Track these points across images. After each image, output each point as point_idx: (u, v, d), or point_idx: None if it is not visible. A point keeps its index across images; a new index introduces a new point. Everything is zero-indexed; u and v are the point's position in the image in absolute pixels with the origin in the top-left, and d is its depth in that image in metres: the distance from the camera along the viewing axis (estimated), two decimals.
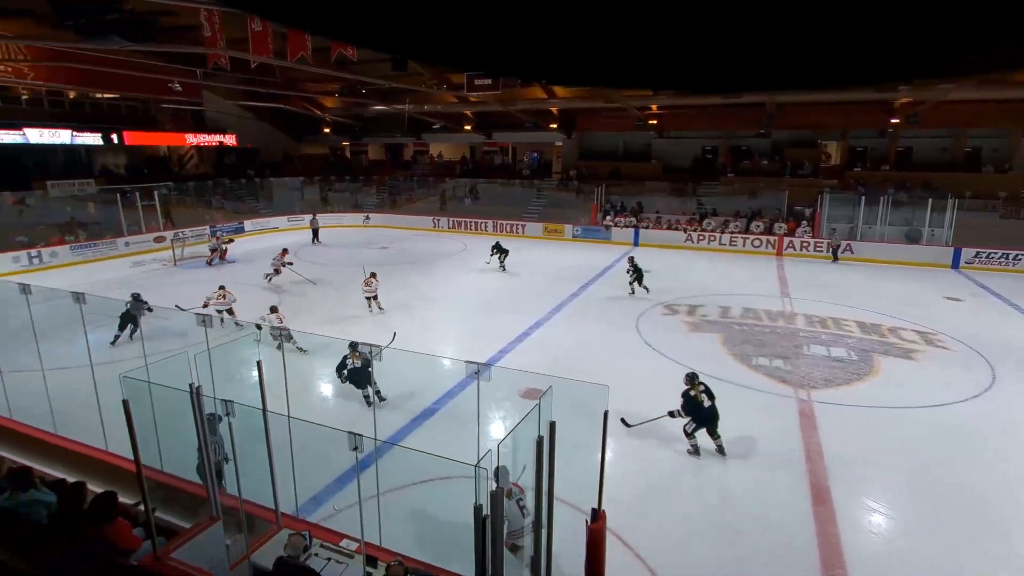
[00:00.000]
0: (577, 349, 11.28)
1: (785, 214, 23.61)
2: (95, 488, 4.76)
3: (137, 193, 22.60)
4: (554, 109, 28.76)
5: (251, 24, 15.63)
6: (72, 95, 25.55)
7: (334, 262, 20.10)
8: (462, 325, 12.94)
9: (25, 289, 6.93)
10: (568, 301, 14.91)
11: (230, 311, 12.40)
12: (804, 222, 22.77)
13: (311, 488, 6.44)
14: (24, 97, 24.19)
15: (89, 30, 10.80)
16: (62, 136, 23.54)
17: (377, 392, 8.67)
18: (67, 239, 20.42)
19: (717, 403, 7.59)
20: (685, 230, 23.73)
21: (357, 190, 32.26)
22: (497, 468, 5.78)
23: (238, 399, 4.70)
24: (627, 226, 24.77)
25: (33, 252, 18.85)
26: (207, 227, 24.07)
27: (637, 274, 15.53)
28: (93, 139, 24.84)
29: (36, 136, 22.65)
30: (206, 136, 29.99)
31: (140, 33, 11.81)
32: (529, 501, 4.85)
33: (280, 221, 27.75)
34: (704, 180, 26.97)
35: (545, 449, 3.79)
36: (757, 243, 22.55)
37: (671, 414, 7.71)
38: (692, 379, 7.70)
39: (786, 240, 22.14)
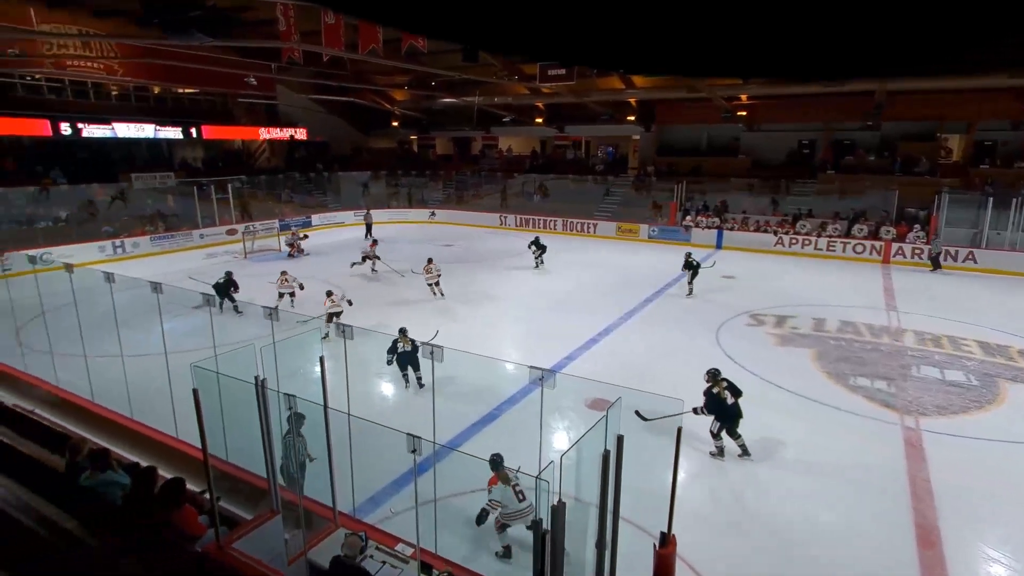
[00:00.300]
0: (649, 358, 11.08)
1: (894, 216, 22.07)
2: (165, 473, 5.16)
3: (212, 186, 24.29)
4: (632, 100, 28.31)
5: (324, 17, 16.42)
6: (156, 90, 27.80)
7: (399, 259, 20.71)
8: (527, 327, 12.99)
9: (109, 278, 7.61)
10: (641, 306, 14.65)
11: (292, 294, 14.21)
12: (917, 226, 21.18)
13: (368, 488, 6.67)
14: (114, 93, 26.56)
15: (173, 27, 11.72)
16: (146, 130, 25.68)
17: (419, 378, 9.63)
18: (147, 230, 22.26)
19: (742, 402, 7.59)
20: (775, 232, 22.69)
21: (423, 185, 33.13)
22: (493, 457, 6.12)
23: (300, 393, 4.94)
24: (709, 227, 23.99)
25: (117, 242, 20.68)
26: (276, 220, 25.48)
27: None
28: (174, 133, 26.93)
29: (124, 130, 24.84)
30: (278, 130, 31.77)
31: (220, 29, 12.69)
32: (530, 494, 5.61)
33: (347, 215, 28.97)
34: (799, 177, 25.69)
35: (611, 464, 3.74)
36: (860, 249, 21.21)
37: (695, 411, 7.65)
38: (715, 375, 7.67)
39: (895, 246, 20.69)
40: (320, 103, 33.20)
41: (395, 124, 36.45)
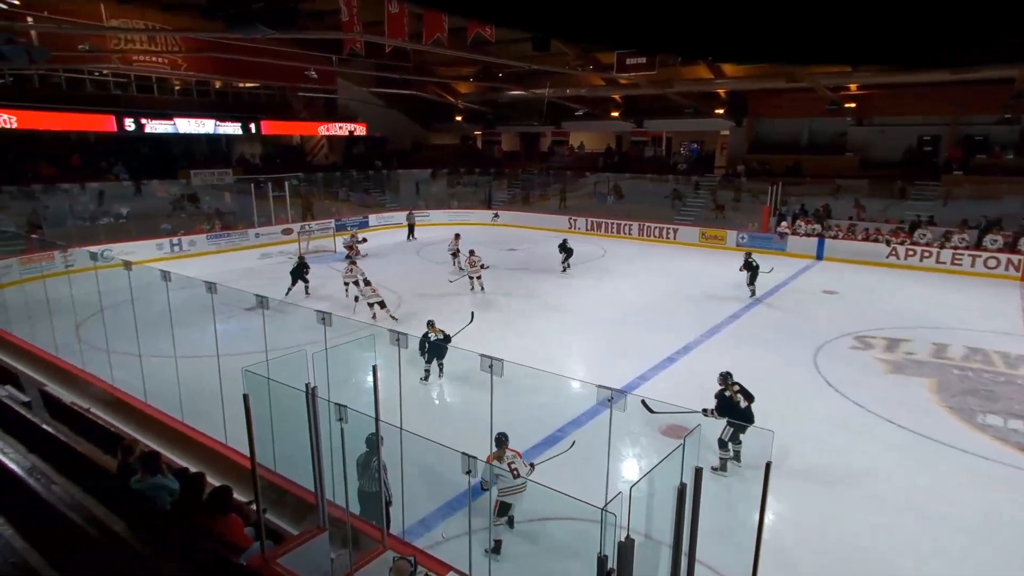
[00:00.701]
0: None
1: None
2: (212, 480, 5.44)
3: (269, 183, 25.56)
4: (721, 91, 27.67)
5: (388, 6, 17.00)
6: (218, 85, 29.63)
7: (444, 265, 21.02)
8: (595, 342, 12.92)
9: (165, 276, 8.15)
10: (727, 322, 14.27)
11: (357, 283, 15.45)
12: None
13: (420, 509, 6.78)
14: (176, 88, 28.52)
15: (236, 20, 12.46)
16: (207, 126, 27.42)
17: (440, 366, 10.80)
18: (205, 228, 23.68)
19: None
20: (889, 242, 21.48)
21: (487, 184, 33.58)
22: (498, 436, 6.66)
23: (352, 403, 5.09)
24: (808, 234, 23.02)
25: (175, 240, 22.12)
26: (332, 220, 26.49)
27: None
28: (233, 128, 28.61)
29: (185, 126, 26.64)
30: (337, 125, 33.10)
31: (283, 21, 13.39)
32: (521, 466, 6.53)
33: (404, 216, 29.69)
34: (918, 179, 24.27)
35: (688, 499, 3.63)
36: (992, 263, 19.75)
37: (705, 412, 7.85)
38: (726, 378, 8.01)
39: None
40: (380, 96, 34.36)
41: (458, 118, 37.17)
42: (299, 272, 16.42)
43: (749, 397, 7.97)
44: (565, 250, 19.89)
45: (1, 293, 15.04)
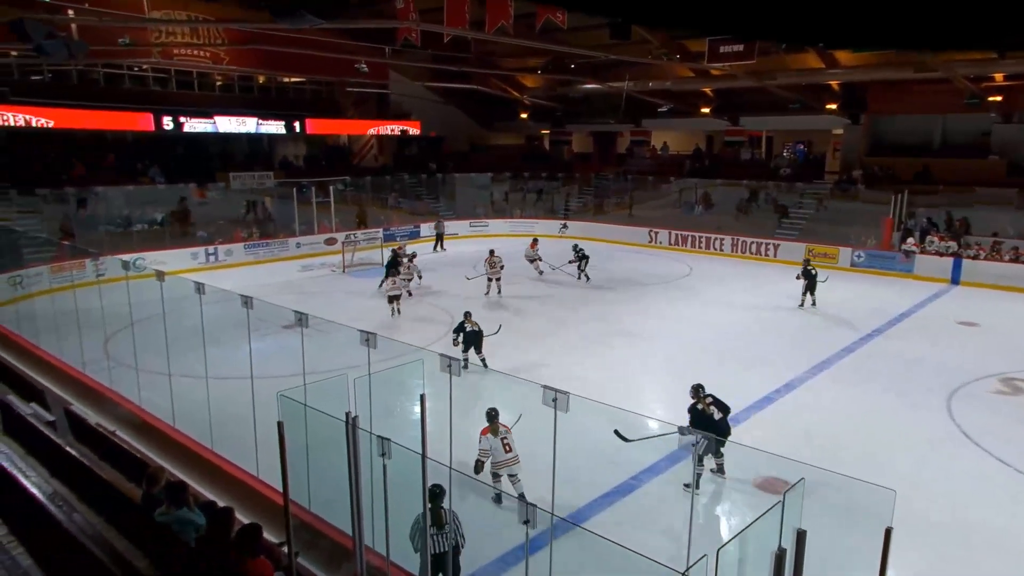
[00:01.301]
0: (847, 428, 10.47)
1: None
2: (241, 517, 5.61)
3: (312, 188, 26.50)
4: (833, 83, 26.95)
5: None
6: (261, 80, 31.10)
7: (514, 278, 21.12)
8: (679, 376, 12.61)
9: (199, 288, 8.54)
10: (838, 357, 13.82)
11: (408, 291, 17.71)
12: None
13: (470, 561, 6.77)
14: (218, 83, 30.09)
15: (282, 9, 13.09)
16: (248, 124, 28.77)
17: (483, 359, 12.55)
18: (243, 235, 24.74)
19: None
20: None
21: (555, 190, 33.72)
22: (490, 411, 7.98)
23: (397, 436, 5.16)
24: (941, 253, 21.98)
25: (210, 249, 23.22)
26: (380, 230, 27.17)
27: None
28: (276, 127, 29.90)
29: (225, 124, 28.04)
30: (389, 124, 34.07)
31: (331, 9, 14.00)
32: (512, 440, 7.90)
33: (460, 226, 30.18)
34: None
35: (788, 566, 3.49)
36: None
37: (682, 431, 7.98)
38: (697, 390, 8.74)
39: None
40: (437, 92, 35.17)
41: (523, 116, 37.60)
42: (394, 264, 18.44)
43: (724, 409, 8.64)
44: (580, 257, 20.62)
45: (31, 303, 16.11)
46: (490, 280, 18.74)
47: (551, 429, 5.63)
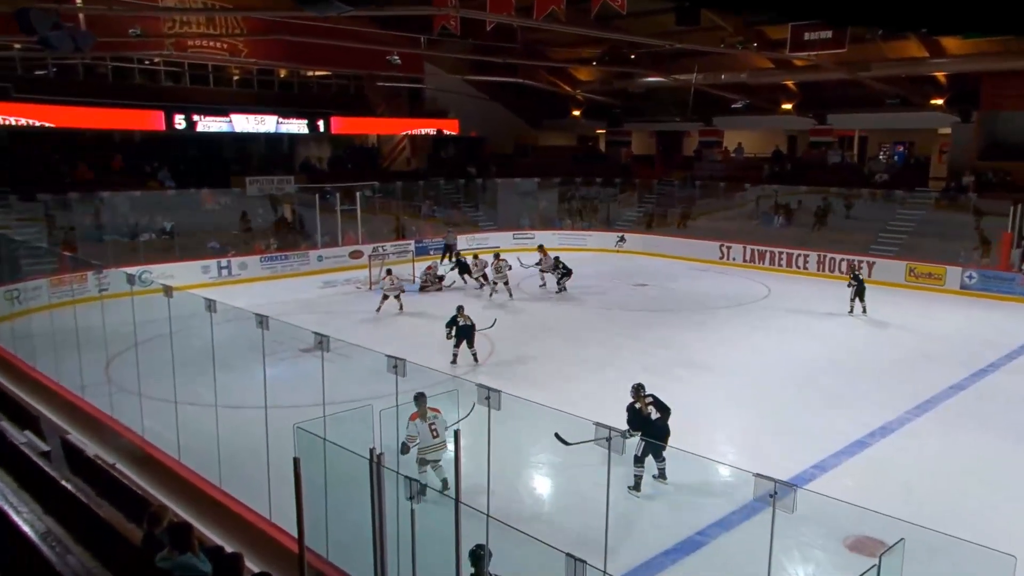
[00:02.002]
0: (955, 480, 10.19)
1: None
2: (251, 565, 5.68)
3: (336, 194, 26.94)
4: (939, 74, 26.46)
5: None
6: (283, 74, 31.93)
7: (564, 298, 21.07)
8: (752, 415, 12.57)
9: (210, 306, 8.72)
10: (945, 396, 13.48)
11: (398, 296, 19.27)
12: None
13: None
14: (235, 78, 31.00)
15: None
16: (267, 123, 29.51)
17: (474, 354, 14.70)
18: (260, 246, 25.26)
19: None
20: None
21: (611, 198, 33.64)
22: (417, 395, 8.34)
23: (428, 476, 5.17)
24: None
25: (223, 262, 23.76)
26: (412, 241, 27.42)
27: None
28: (298, 126, 30.61)
29: (242, 123, 28.82)
30: (423, 122, 34.54)
31: None
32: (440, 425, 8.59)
33: (503, 238, 30.28)
34: None
35: None
36: None
37: (624, 435, 8.12)
38: (637, 389, 9.68)
39: None
40: (477, 87, 35.56)
41: (575, 113, 37.76)
42: (463, 266, 21.86)
43: (664, 410, 9.48)
44: (559, 267, 21.71)
45: (28, 320, 16.69)
46: (494, 283, 21.14)
47: (604, 471, 5.59)
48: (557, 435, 8.27)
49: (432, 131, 35.03)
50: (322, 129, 31.24)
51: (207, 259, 23.73)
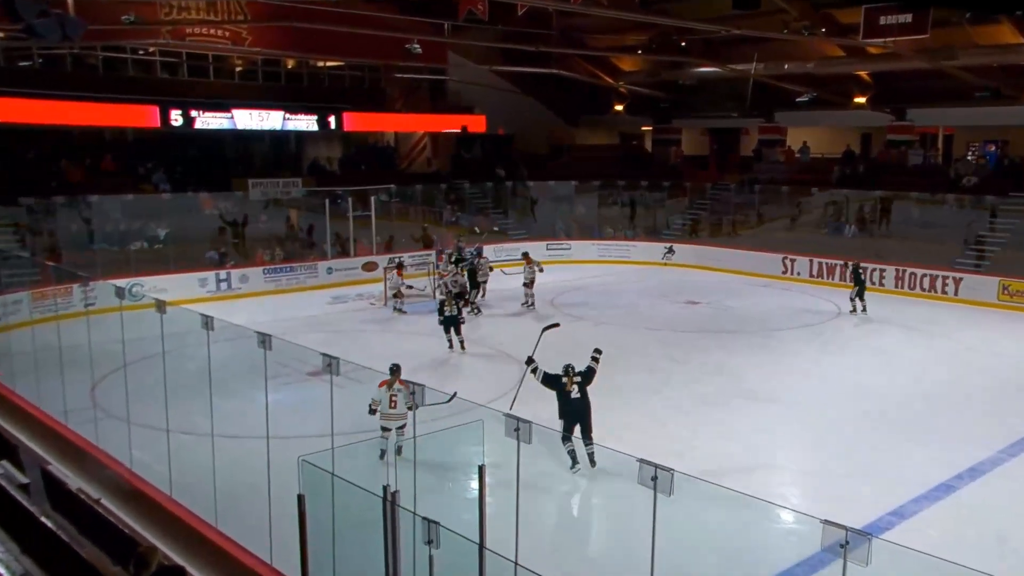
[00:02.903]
0: None
1: None
2: None
3: (349, 198, 27.13)
4: None
5: None
6: (290, 64, 32.32)
7: (588, 321, 20.98)
8: (820, 452, 12.45)
9: (207, 324, 8.81)
10: None
11: (397, 295, 21.53)
12: None
13: None
14: (238, 69, 31.43)
15: None
16: (272, 119, 29.85)
17: (461, 341, 17.45)
18: (264, 257, 25.49)
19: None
20: None
21: (658, 203, 33.53)
22: (393, 366, 10.52)
23: (448, 518, 5.16)
24: None
25: (222, 275, 24.02)
26: (432, 252, 27.50)
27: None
28: (307, 123, 30.92)
29: (245, 119, 29.18)
30: (446, 119, 34.71)
31: None
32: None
33: (536, 249, 30.14)
34: None
35: None
36: None
37: (529, 362, 11.70)
38: (567, 370, 11.25)
39: None
40: (507, 78, 35.70)
41: (618, 108, 37.80)
42: (473, 279, 22.26)
43: (586, 379, 11.33)
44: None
45: (7, 337, 16.99)
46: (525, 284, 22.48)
47: (649, 515, 5.53)
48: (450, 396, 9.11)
49: (456, 129, 35.14)
50: (333, 126, 31.48)
51: (204, 271, 24.00)
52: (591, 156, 38.41)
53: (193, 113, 27.86)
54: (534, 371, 11.52)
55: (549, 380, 11.32)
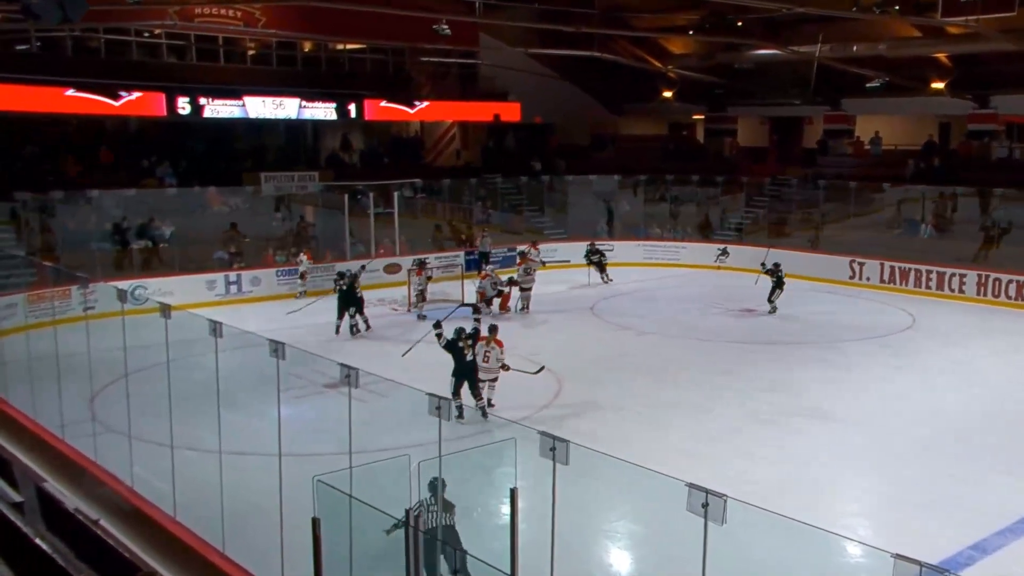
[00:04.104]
0: None
1: None
2: None
3: (371, 194, 27.21)
4: None
5: None
6: (307, 47, 32.53)
7: (632, 331, 20.87)
8: (891, 479, 12.34)
9: (215, 330, 8.89)
10: None
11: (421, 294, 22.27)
12: None
13: None
14: (250, 52, 31.68)
15: None
16: (288, 107, 30.03)
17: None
18: (277, 259, 25.65)
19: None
20: None
21: (711, 200, 33.32)
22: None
23: (476, 546, 5.18)
24: None
25: (231, 276, 24.21)
26: (460, 253, 27.50)
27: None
28: (325, 111, 31.07)
29: (257, 107, 29.39)
30: (477, 107, 34.72)
31: None
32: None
33: (572, 249, 30.15)
34: None
35: None
36: None
37: (436, 327, 14.60)
38: (460, 333, 13.89)
39: None
40: (544, 62, 35.65)
41: (666, 95, 37.63)
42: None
43: (475, 341, 13.95)
44: (595, 254, 24.26)
45: None
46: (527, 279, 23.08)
47: (699, 546, 5.52)
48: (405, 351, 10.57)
49: (488, 118, 35.14)
50: (354, 115, 31.60)
51: (213, 272, 24.18)
52: (637, 148, 38.33)
53: (202, 100, 28.02)
54: (438, 336, 14.23)
55: (450, 345, 13.88)
